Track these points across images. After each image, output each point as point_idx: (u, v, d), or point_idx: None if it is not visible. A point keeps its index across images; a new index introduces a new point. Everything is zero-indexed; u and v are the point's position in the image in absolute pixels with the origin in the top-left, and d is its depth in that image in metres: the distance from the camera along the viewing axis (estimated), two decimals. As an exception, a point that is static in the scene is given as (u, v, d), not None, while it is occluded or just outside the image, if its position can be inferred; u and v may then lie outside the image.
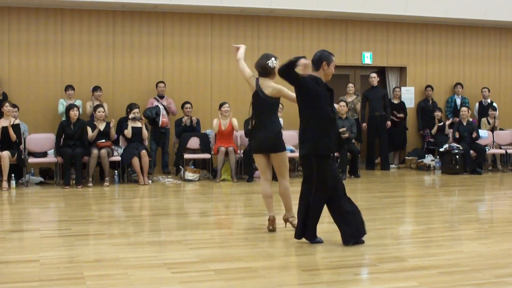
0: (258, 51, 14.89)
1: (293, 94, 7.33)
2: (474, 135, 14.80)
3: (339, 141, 7.21)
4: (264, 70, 7.67)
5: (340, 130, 13.83)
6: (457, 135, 14.89)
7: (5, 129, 12.06)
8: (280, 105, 8.44)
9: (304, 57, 6.78)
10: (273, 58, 7.66)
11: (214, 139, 13.73)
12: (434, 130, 15.73)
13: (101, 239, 7.59)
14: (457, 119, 15.58)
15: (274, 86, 7.60)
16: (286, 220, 7.87)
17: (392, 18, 16.17)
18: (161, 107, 14.01)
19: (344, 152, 13.69)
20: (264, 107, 7.68)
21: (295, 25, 15.72)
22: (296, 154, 13.99)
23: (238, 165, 13.63)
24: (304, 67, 6.77)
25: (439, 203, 10.85)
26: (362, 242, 7.02)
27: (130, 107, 13.22)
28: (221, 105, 13.47)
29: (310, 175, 6.99)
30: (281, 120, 12.35)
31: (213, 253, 6.74)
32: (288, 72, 6.76)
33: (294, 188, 12.26)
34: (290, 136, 13.64)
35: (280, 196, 7.81)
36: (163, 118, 13.93)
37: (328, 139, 6.90)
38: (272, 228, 7.80)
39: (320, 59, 7.02)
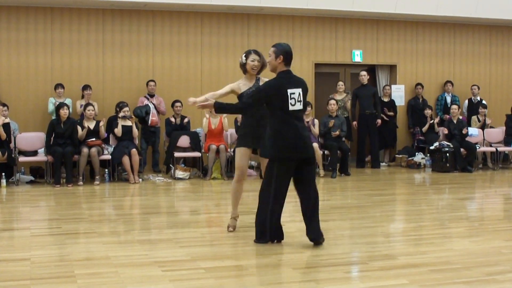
0: (247, 49, 14.85)
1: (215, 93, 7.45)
2: (465, 131, 14.84)
3: None
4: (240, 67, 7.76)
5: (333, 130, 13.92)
6: (445, 131, 14.92)
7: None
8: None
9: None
10: (243, 55, 7.68)
11: (204, 137, 13.72)
12: (425, 128, 15.75)
13: (91, 238, 7.57)
14: (448, 117, 15.62)
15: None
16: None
17: (382, 16, 16.20)
18: (151, 106, 13.99)
19: (334, 150, 13.71)
20: None
21: (284, 23, 15.72)
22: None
23: (229, 163, 13.62)
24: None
25: (430, 201, 10.88)
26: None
27: (120, 106, 13.19)
28: (211, 104, 13.41)
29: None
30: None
31: (203, 251, 6.73)
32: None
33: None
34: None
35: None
36: (152, 117, 13.92)
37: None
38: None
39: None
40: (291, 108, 6.71)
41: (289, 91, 6.72)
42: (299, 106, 6.75)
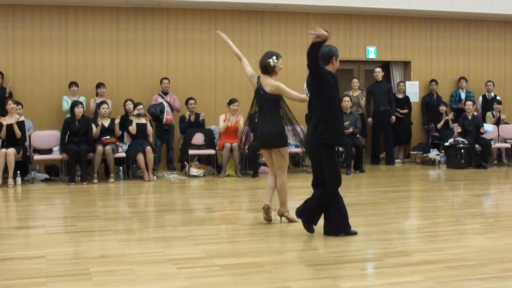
0: (262, 46, 14.89)
1: (292, 92, 7.86)
2: (483, 130, 14.77)
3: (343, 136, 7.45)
4: (265, 68, 7.93)
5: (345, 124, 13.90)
6: (458, 129, 14.87)
7: (9, 126, 12.08)
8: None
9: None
10: (274, 57, 7.88)
11: (218, 135, 13.73)
12: (440, 125, 15.69)
13: (106, 235, 7.59)
14: (461, 104, 15.70)
15: (273, 83, 7.85)
16: (281, 215, 8.06)
17: (396, 12, 16.15)
18: (165, 104, 14.01)
19: (349, 147, 13.69)
20: (265, 104, 7.96)
21: (299, 20, 15.69)
22: (300, 149, 14.00)
23: (243, 160, 13.63)
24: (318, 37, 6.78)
25: (444, 198, 10.84)
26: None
27: (134, 104, 13.24)
28: (231, 102, 13.40)
29: (320, 164, 7.18)
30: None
31: (218, 249, 6.75)
32: (313, 58, 6.91)
33: (298, 183, 12.25)
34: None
35: (277, 190, 8.00)
36: (167, 116, 13.93)
37: (337, 131, 7.20)
38: (267, 217, 7.99)
39: (330, 54, 7.27)
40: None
41: None
42: None
